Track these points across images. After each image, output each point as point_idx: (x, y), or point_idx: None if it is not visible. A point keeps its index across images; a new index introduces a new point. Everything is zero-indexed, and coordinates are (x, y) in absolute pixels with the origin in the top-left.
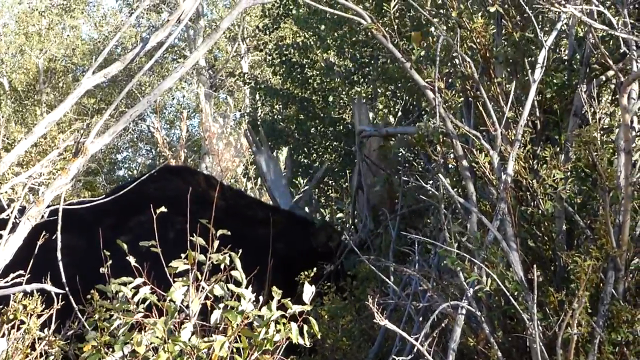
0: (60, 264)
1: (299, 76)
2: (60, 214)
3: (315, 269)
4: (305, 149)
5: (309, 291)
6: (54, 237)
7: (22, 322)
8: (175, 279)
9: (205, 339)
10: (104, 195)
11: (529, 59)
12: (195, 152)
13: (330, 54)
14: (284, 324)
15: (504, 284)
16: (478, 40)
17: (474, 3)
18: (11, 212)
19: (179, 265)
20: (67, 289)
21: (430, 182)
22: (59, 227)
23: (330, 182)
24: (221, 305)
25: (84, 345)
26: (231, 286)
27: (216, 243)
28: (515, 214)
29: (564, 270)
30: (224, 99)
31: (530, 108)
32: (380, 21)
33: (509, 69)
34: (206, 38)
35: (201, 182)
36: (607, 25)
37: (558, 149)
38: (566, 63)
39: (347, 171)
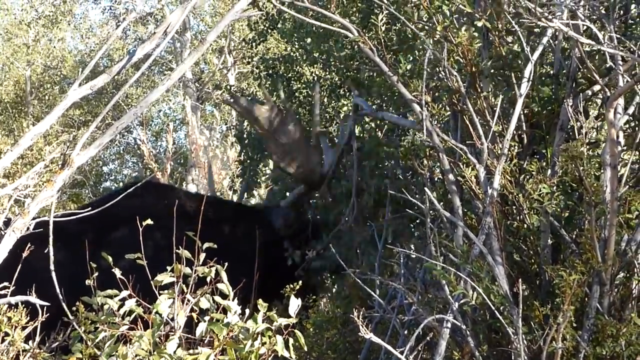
0: (54, 275)
1: (285, 89)
2: (49, 226)
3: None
4: None
5: (294, 304)
6: (32, 249)
7: (7, 334)
8: (160, 292)
9: (191, 351)
10: (79, 210)
11: (516, 73)
12: (182, 165)
13: (316, 67)
14: (269, 336)
15: (489, 297)
16: (464, 54)
17: (461, 17)
18: None
19: (165, 278)
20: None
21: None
22: (50, 240)
23: None
24: (207, 317)
25: (69, 357)
26: (217, 298)
27: (202, 256)
28: (501, 228)
29: (549, 284)
30: (210, 111)
31: (516, 122)
32: (367, 34)
33: (495, 83)
34: (193, 51)
35: (172, 197)
36: (594, 39)
37: (545, 163)
38: (553, 77)
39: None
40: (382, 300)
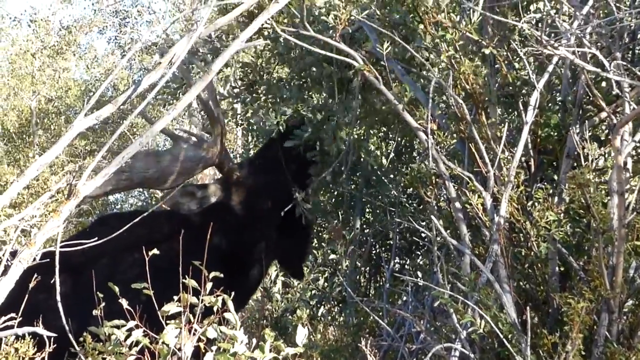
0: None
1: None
2: (57, 256)
3: None
4: None
5: (302, 334)
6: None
7: None
8: (167, 322)
9: None
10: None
11: (521, 99)
12: None
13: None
14: None
15: (497, 325)
16: (469, 82)
17: (467, 45)
18: (3, 255)
19: (171, 308)
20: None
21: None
22: (56, 271)
23: (322, 222)
24: (214, 347)
25: None
26: (224, 328)
27: (209, 285)
28: (509, 255)
29: (558, 312)
30: None
31: (523, 149)
32: (372, 62)
33: (502, 110)
34: (198, 80)
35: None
36: (600, 67)
37: (553, 190)
38: (560, 104)
39: (339, 212)
40: (390, 328)
